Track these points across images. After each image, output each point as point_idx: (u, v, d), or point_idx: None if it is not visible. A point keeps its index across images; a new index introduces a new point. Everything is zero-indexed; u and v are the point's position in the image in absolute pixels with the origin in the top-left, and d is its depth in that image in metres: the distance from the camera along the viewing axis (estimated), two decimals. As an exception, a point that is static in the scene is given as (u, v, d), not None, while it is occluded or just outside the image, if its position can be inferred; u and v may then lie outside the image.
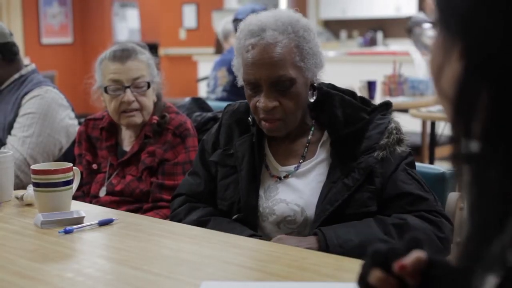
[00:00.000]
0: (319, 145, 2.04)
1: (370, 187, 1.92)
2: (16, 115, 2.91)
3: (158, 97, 2.67)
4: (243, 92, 2.04)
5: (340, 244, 1.83)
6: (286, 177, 2.04)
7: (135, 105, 2.57)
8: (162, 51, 10.30)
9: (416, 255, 0.90)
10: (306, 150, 2.05)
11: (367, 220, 1.89)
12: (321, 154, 2.03)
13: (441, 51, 0.81)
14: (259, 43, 1.94)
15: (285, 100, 1.96)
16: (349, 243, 1.81)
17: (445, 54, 0.80)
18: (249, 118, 2.09)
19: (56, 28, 10.72)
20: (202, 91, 8.10)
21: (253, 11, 3.69)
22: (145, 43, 2.74)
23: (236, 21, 4.99)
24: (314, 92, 2.02)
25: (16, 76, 3.02)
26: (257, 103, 1.97)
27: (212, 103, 3.22)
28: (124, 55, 2.58)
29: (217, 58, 5.49)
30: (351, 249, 1.79)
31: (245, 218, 2.01)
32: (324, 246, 1.82)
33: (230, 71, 4.77)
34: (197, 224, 2.00)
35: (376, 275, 0.93)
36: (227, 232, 1.89)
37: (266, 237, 2.01)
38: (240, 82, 2.04)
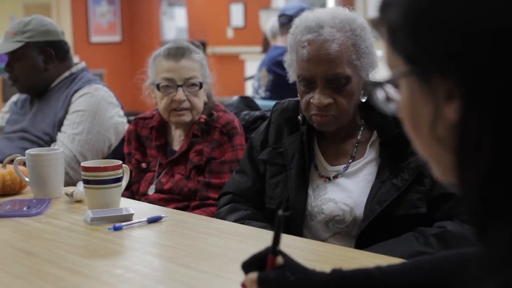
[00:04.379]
0: (369, 145, 2.02)
1: (420, 188, 1.89)
2: (66, 112, 2.94)
3: (208, 97, 2.66)
4: (286, 91, 2.02)
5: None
6: (335, 177, 2.02)
7: (186, 104, 2.57)
8: (209, 49, 10.32)
9: (250, 276, 1.20)
10: (355, 150, 2.04)
11: (406, 235, 1.86)
12: (370, 154, 2.01)
13: (425, 102, 0.80)
14: (317, 39, 1.92)
15: (339, 97, 1.94)
16: None
17: (434, 102, 0.78)
18: (299, 117, 2.08)
19: (105, 27, 10.84)
20: (250, 90, 8.10)
21: (302, 9, 3.64)
22: (199, 43, 2.73)
23: (283, 16, 4.86)
24: (366, 92, 2.01)
25: (66, 74, 3.06)
26: (311, 100, 1.96)
27: (259, 102, 3.21)
28: (178, 53, 2.57)
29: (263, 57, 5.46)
30: None
31: (292, 217, 1.99)
32: None
33: (269, 71, 4.72)
34: None
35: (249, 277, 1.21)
36: None
37: (314, 236, 2.00)
38: (292, 77, 2.03)
